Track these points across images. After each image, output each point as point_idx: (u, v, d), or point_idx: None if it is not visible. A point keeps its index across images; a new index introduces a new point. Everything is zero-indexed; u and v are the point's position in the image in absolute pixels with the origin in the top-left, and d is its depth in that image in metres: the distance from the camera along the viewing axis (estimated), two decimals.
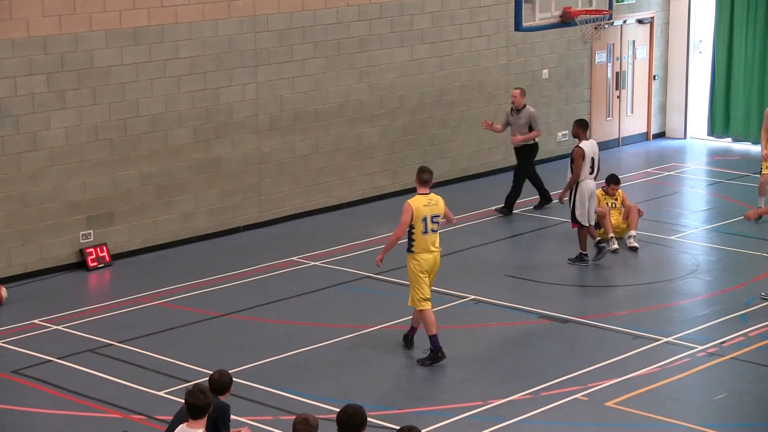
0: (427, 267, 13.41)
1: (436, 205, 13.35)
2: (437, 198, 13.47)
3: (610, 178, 18.17)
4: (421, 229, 13.24)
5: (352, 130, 20.13)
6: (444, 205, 13.49)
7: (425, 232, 13.27)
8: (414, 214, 13.20)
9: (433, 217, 13.30)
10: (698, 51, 24.95)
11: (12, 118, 16.38)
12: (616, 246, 17.43)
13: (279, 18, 18.92)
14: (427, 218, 13.27)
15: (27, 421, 12.25)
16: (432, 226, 13.29)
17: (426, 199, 13.34)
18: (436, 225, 13.34)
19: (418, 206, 13.24)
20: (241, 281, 16.55)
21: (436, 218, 13.33)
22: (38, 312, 15.37)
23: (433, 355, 13.43)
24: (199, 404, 8.49)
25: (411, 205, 13.23)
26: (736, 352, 13.72)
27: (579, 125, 17.01)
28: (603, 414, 12.16)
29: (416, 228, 13.23)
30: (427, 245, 13.33)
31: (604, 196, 17.96)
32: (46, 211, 16.82)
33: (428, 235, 13.30)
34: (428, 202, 13.33)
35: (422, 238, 13.29)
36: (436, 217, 13.32)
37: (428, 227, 13.28)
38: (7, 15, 16.15)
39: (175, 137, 18.00)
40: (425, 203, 13.30)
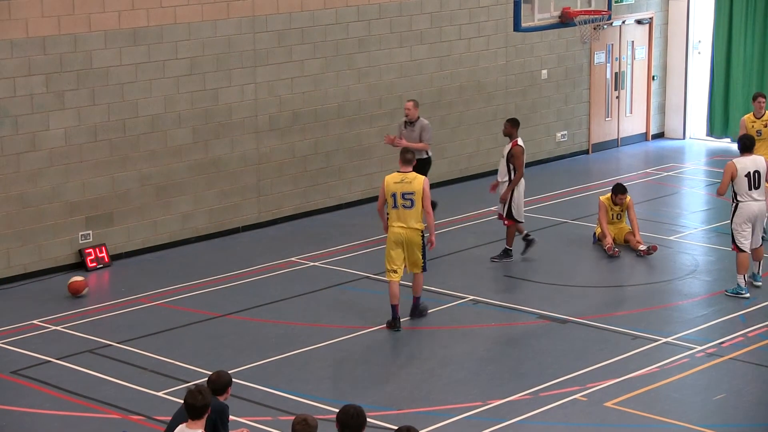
0: (394, 240, 14.27)
1: (409, 184, 14.11)
2: (414, 177, 14.16)
3: (617, 188, 17.67)
4: (391, 204, 14.18)
5: (351, 131, 20.13)
6: (421, 187, 14.10)
7: (395, 207, 14.16)
8: (384, 188, 14.19)
9: (404, 194, 14.08)
10: (697, 51, 24.96)
11: (11, 118, 16.38)
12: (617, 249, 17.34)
13: (278, 18, 18.92)
14: (397, 194, 14.11)
15: (26, 421, 12.24)
16: (402, 202, 14.10)
17: (400, 177, 14.18)
18: (408, 202, 14.08)
19: (389, 182, 14.18)
20: (241, 281, 16.55)
21: (408, 195, 14.07)
22: (37, 312, 15.36)
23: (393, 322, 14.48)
24: (197, 404, 8.49)
25: (384, 180, 14.27)
26: (735, 352, 13.72)
27: (513, 124, 16.90)
28: (602, 414, 12.16)
29: (388, 202, 14.22)
30: (396, 220, 14.20)
31: (611, 207, 17.69)
32: (45, 212, 16.82)
33: (398, 210, 14.17)
34: (401, 179, 14.15)
35: (392, 212, 14.23)
36: (408, 194, 14.07)
37: (397, 203, 14.12)
38: (6, 15, 16.15)
39: (175, 138, 18.00)
40: (398, 180, 14.16)
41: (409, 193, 14.10)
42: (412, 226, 14.22)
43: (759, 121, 18.07)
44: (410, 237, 14.28)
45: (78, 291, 15.89)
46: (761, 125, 18.01)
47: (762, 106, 18.06)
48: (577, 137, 23.74)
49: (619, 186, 17.81)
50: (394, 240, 14.31)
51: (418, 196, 14.12)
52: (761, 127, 18.00)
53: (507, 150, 16.93)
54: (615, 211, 17.68)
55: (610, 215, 17.63)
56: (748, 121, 18.16)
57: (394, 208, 14.20)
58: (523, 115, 22.50)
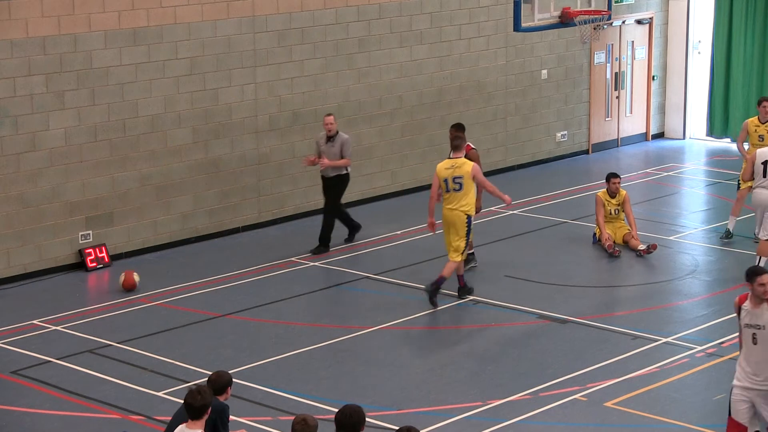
0: (444, 221, 15.29)
1: (459, 168, 15.10)
2: (463, 162, 15.16)
3: (609, 174, 17.80)
4: (444, 188, 15.19)
5: (351, 131, 20.10)
6: (470, 171, 15.05)
7: (447, 191, 15.16)
8: (437, 175, 15.22)
9: (455, 178, 15.10)
10: (697, 51, 24.96)
11: (11, 118, 16.38)
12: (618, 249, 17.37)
13: (278, 18, 18.92)
14: (449, 179, 15.14)
15: (26, 421, 12.24)
16: (453, 186, 15.10)
17: (450, 163, 15.23)
18: (458, 186, 15.07)
19: (440, 169, 15.26)
20: (241, 281, 16.55)
21: (458, 179, 15.08)
22: (37, 312, 15.36)
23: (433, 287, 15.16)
24: (196, 404, 8.49)
25: (436, 169, 15.31)
26: (735, 352, 13.65)
27: (463, 130, 16.20)
28: (602, 414, 12.16)
29: (441, 187, 15.21)
30: (448, 203, 15.16)
31: (607, 201, 17.71)
32: (45, 212, 16.82)
33: (450, 194, 15.16)
34: (451, 165, 15.17)
35: (446, 196, 15.21)
36: (458, 178, 15.08)
37: (449, 187, 15.12)
38: (6, 15, 16.15)
39: (175, 138, 18.00)
40: (448, 166, 15.19)
41: (459, 177, 15.09)
42: (459, 207, 15.09)
43: (763, 126, 17.85)
44: (454, 217, 15.13)
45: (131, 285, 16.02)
46: (764, 130, 17.79)
47: (767, 111, 17.81)
48: (577, 137, 23.74)
49: (611, 173, 17.87)
50: (444, 221, 15.31)
51: (467, 180, 15.06)
52: (764, 132, 17.77)
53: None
54: (612, 206, 17.65)
55: (608, 210, 17.65)
56: (751, 125, 18.01)
57: (447, 192, 15.15)
58: (523, 115, 22.53)
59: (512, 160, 22.57)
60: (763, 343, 9.98)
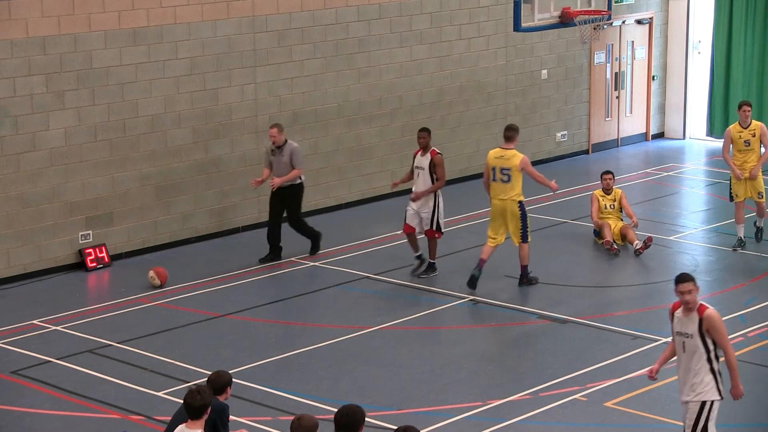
0: (493, 211, 15.68)
1: (508, 160, 15.47)
2: (513, 154, 15.51)
3: (603, 172, 18.21)
4: (491, 177, 15.58)
5: (351, 131, 20.14)
6: (518, 164, 15.39)
7: (494, 180, 15.56)
8: (487, 162, 15.62)
9: (502, 169, 15.45)
10: (697, 51, 24.96)
11: (11, 118, 16.38)
12: (616, 246, 17.44)
13: (278, 18, 18.92)
14: (496, 168, 15.52)
15: (26, 421, 12.24)
16: (500, 176, 15.48)
17: (501, 152, 15.61)
18: (506, 177, 15.44)
19: (491, 156, 15.67)
20: (241, 281, 16.55)
21: (505, 171, 15.44)
22: (37, 312, 15.36)
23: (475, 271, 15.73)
24: (195, 404, 8.48)
25: (487, 155, 15.75)
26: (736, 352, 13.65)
27: (429, 133, 16.33)
28: (602, 414, 12.16)
29: (489, 176, 15.62)
30: (496, 193, 15.58)
31: (603, 197, 17.94)
32: (45, 212, 16.82)
33: (496, 183, 15.53)
34: (501, 155, 15.55)
35: (492, 185, 15.62)
36: (505, 170, 15.43)
37: (496, 176, 15.51)
38: (6, 15, 16.15)
39: (175, 138, 18.00)
40: (498, 156, 15.58)
41: (507, 168, 15.46)
42: (509, 197, 15.51)
43: (746, 131, 17.19)
44: (507, 207, 15.56)
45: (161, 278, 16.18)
46: (749, 135, 17.16)
47: (748, 115, 17.19)
48: (577, 137, 23.74)
49: (605, 170, 18.28)
50: (493, 211, 15.70)
51: (515, 172, 15.41)
52: (749, 137, 17.16)
53: (427, 160, 16.13)
54: (607, 201, 17.81)
55: (603, 204, 17.84)
56: (734, 131, 17.29)
57: (494, 181, 15.57)
58: (523, 115, 22.52)
59: None
60: (689, 352, 9.87)
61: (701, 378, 9.91)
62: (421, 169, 16.26)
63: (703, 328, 9.84)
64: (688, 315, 9.91)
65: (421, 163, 16.27)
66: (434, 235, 16.29)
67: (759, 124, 17.35)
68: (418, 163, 16.30)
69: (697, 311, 9.87)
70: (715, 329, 9.82)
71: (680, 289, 9.82)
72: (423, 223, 16.26)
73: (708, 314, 9.85)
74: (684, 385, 10.00)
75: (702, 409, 9.92)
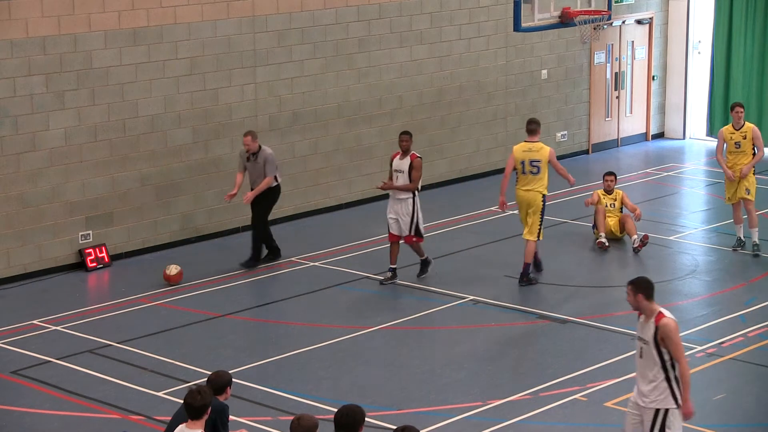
0: (519, 201, 15.99)
1: (537, 152, 15.85)
2: (540, 147, 15.91)
3: (606, 173, 18.41)
4: (520, 170, 15.91)
5: (351, 131, 20.14)
6: (547, 156, 15.80)
7: (523, 173, 15.89)
8: (513, 156, 15.93)
9: (532, 161, 15.81)
10: (697, 51, 24.96)
11: (11, 118, 16.38)
12: (607, 243, 17.54)
13: (278, 18, 18.92)
14: (525, 161, 15.84)
15: (26, 421, 12.24)
16: (530, 168, 15.81)
17: (528, 146, 15.93)
18: (535, 169, 15.78)
19: (517, 150, 15.97)
20: (241, 281, 16.55)
21: (535, 162, 15.79)
22: (37, 313, 15.36)
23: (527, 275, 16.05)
24: (196, 404, 8.48)
25: (512, 150, 16.06)
26: (736, 352, 13.71)
27: (411, 136, 16.11)
28: (602, 414, 12.16)
29: (517, 168, 15.92)
30: (524, 185, 15.88)
31: (604, 196, 18.02)
32: (45, 212, 16.82)
33: (525, 176, 15.87)
34: (529, 149, 15.89)
35: (521, 177, 15.92)
36: (535, 162, 15.79)
37: (525, 169, 15.83)
38: (6, 15, 16.15)
39: (174, 138, 18.00)
40: (525, 149, 15.90)
41: (537, 160, 15.81)
42: (535, 188, 15.81)
43: (738, 133, 17.09)
44: (532, 198, 15.82)
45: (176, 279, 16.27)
46: (740, 137, 17.06)
47: (740, 117, 17.10)
48: (577, 137, 23.74)
49: (608, 171, 18.46)
50: (519, 202, 16.02)
51: (544, 164, 15.77)
52: (740, 139, 17.05)
53: (407, 163, 15.92)
54: (609, 200, 17.91)
55: (604, 202, 17.94)
56: (726, 132, 17.19)
57: (523, 173, 15.88)
58: (523, 116, 22.48)
59: None
60: (645, 358, 9.71)
61: (656, 385, 9.71)
62: (400, 172, 15.99)
63: (658, 336, 9.64)
64: (647, 321, 9.74)
65: (401, 166, 15.99)
66: (412, 240, 16.03)
67: (751, 126, 17.27)
68: (397, 166, 16.03)
69: (654, 319, 9.67)
70: (670, 339, 9.59)
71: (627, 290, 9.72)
72: (402, 229, 16.03)
73: (663, 323, 9.63)
74: (639, 389, 9.84)
75: (656, 417, 9.70)
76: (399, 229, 16.10)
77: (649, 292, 9.68)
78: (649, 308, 9.70)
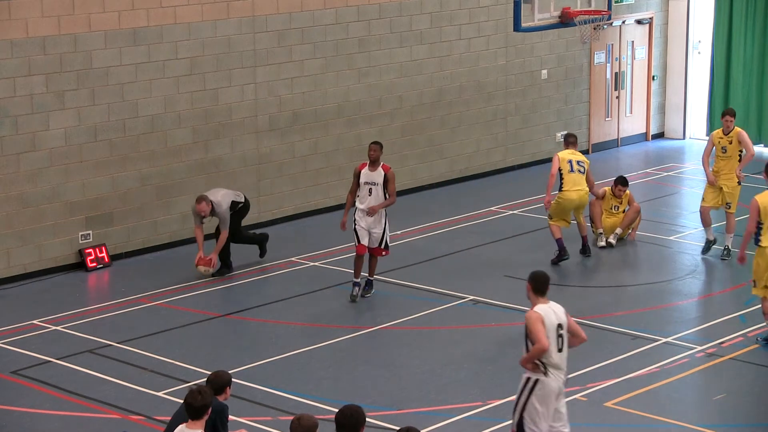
0: (567, 204, 16.93)
1: (580, 156, 17.07)
2: (580, 155, 17.14)
3: (619, 179, 18.12)
4: (567, 169, 16.83)
5: (351, 131, 20.13)
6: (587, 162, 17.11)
7: (571, 171, 16.83)
8: (559, 160, 16.90)
9: (578, 162, 16.93)
10: (697, 51, 24.96)
11: (11, 118, 16.38)
12: (603, 243, 17.58)
13: (278, 18, 18.92)
14: (573, 161, 16.92)
15: (26, 421, 12.24)
16: (578, 168, 16.89)
17: (571, 152, 17.07)
18: (582, 168, 16.90)
19: (563, 155, 16.96)
20: (241, 281, 16.55)
21: (581, 162, 16.94)
22: (37, 312, 15.36)
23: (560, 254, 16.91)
24: (196, 404, 8.48)
25: (557, 156, 17.02)
26: (735, 352, 13.71)
27: (381, 147, 15.75)
28: (602, 414, 12.16)
29: (564, 169, 16.82)
30: (573, 185, 16.84)
31: (611, 197, 17.93)
32: (45, 212, 16.82)
33: (574, 175, 16.86)
34: (573, 153, 17.06)
35: (568, 177, 16.82)
36: (581, 162, 16.96)
37: (574, 168, 16.87)
38: (6, 15, 16.15)
39: (175, 138, 18.00)
40: (571, 152, 17.03)
41: (582, 161, 16.98)
42: (584, 189, 16.91)
43: (725, 138, 17.16)
44: (583, 198, 16.93)
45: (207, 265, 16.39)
46: (726, 142, 17.11)
47: (729, 125, 17.09)
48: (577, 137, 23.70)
49: (622, 178, 18.17)
50: (567, 204, 16.89)
51: (587, 166, 16.94)
52: (726, 143, 17.10)
53: (381, 176, 15.39)
54: (615, 202, 17.90)
55: (610, 204, 17.94)
56: (716, 137, 17.25)
57: (571, 172, 16.82)
58: (523, 115, 22.53)
59: (512, 160, 22.58)
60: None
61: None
62: (373, 184, 15.32)
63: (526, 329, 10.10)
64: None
65: (373, 179, 15.34)
66: (382, 253, 15.54)
67: (738, 130, 17.24)
68: (368, 178, 15.35)
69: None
70: (528, 329, 10.07)
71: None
72: (372, 241, 15.42)
73: (526, 315, 10.16)
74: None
75: (526, 384, 10.14)
76: (368, 240, 15.47)
77: (537, 286, 10.24)
78: (533, 302, 10.22)
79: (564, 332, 10.13)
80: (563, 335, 10.12)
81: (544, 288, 10.23)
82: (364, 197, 15.43)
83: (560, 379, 10.11)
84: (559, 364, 10.08)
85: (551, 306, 10.20)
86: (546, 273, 10.33)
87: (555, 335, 10.08)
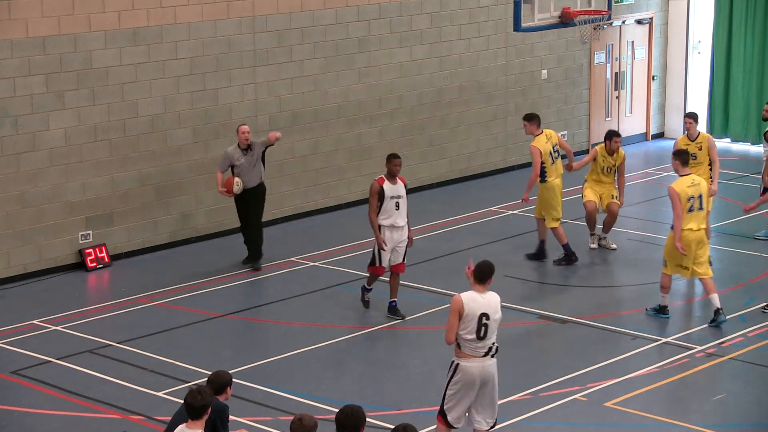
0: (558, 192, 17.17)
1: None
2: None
3: (610, 131, 17.50)
4: (550, 162, 16.98)
5: (351, 131, 20.14)
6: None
7: (553, 163, 17.02)
8: (542, 152, 16.90)
9: (554, 147, 17.01)
10: (697, 51, 24.96)
11: (11, 118, 16.38)
12: (594, 245, 17.61)
13: (278, 18, 18.92)
14: (551, 151, 16.99)
15: (26, 421, 12.25)
16: (556, 155, 17.03)
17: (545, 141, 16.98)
18: (558, 152, 17.08)
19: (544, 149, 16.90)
20: (241, 281, 16.55)
21: (555, 148, 17.02)
22: (37, 313, 15.37)
23: (567, 257, 17.07)
24: (196, 404, 8.48)
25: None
26: (735, 352, 13.72)
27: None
28: (602, 414, 12.16)
29: (546, 162, 16.87)
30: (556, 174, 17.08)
31: (603, 157, 17.43)
32: (45, 212, 16.82)
33: (557, 163, 17.04)
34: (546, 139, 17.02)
35: (552, 167, 16.97)
36: (555, 147, 17.02)
37: (554, 156, 17.00)
38: (6, 15, 16.16)
39: (174, 138, 18.00)
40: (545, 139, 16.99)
41: (555, 144, 17.07)
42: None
43: (693, 144, 16.95)
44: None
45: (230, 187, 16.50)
46: (695, 148, 16.91)
47: (690, 127, 16.98)
48: (577, 137, 23.74)
49: (613, 131, 17.59)
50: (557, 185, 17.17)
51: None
52: (695, 150, 16.89)
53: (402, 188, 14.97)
54: (608, 162, 17.42)
55: (601, 166, 17.43)
56: (681, 143, 17.02)
57: (553, 164, 17.03)
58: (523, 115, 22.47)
59: (512, 160, 22.57)
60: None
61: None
62: (399, 197, 14.80)
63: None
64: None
65: (399, 192, 14.83)
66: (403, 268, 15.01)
67: (706, 136, 17.07)
68: (394, 192, 14.79)
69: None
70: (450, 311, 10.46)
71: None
72: (395, 256, 14.87)
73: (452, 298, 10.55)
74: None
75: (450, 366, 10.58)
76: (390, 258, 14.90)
77: (478, 273, 10.58)
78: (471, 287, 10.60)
79: (490, 322, 10.39)
80: (488, 324, 10.37)
81: (485, 277, 10.59)
82: (390, 211, 14.77)
83: (482, 366, 10.37)
84: (478, 350, 10.35)
85: (485, 295, 10.52)
86: (492, 264, 10.65)
87: (476, 323, 10.35)
